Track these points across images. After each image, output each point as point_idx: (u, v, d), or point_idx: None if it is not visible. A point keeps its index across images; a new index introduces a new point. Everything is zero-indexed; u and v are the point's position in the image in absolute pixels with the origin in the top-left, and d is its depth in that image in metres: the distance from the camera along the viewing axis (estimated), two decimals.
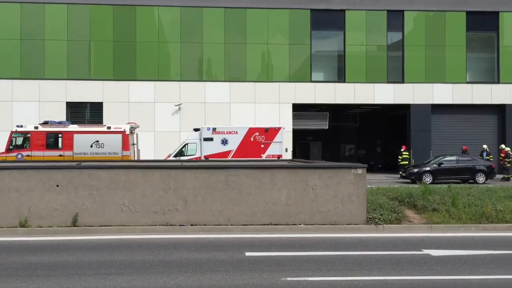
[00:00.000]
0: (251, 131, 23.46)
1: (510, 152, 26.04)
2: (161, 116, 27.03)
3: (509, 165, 25.66)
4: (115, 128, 21.74)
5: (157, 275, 7.88)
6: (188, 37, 27.42)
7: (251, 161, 17.12)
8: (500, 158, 25.88)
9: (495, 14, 28.61)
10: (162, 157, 24.03)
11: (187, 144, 23.63)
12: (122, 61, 27.23)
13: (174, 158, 22.36)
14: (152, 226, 11.99)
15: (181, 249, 9.84)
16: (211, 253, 9.51)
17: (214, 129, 23.45)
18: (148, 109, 26.94)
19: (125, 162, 19.05)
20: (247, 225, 12.10)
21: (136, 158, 22.47)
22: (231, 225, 12.09)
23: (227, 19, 27.64)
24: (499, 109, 28.83)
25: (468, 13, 28.41)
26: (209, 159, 22.08)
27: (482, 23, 28.75)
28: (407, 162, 26.40)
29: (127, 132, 21.63)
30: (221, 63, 27.68)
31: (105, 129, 21.80)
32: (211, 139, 23.22)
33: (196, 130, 23.85)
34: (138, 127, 23.71)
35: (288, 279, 7.69)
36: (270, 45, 27.87)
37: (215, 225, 12.09)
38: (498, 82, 28.65)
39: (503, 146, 26.33)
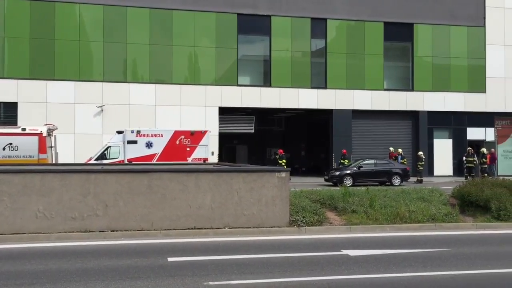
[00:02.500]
0: (177, 134, 23.18)
1: (422, 155, 27.77)
2: (82, 118, 25.96)
3: (421, 168, 27.34)
4: (31, 129, 20.55)
5: (73, 284, 7.53)
6: (112, 37, 26.59)
7: (176, 165, 16.89)
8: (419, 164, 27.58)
9: (410, 26, 30.41)
10: (83, 160, 23.08)
11: (109, 147, 22.89)
12: (39, 60, 25.86)
13: (95, 162, 21.55)
14: (70, 232, 11.45)
15: (100, 256, 9.48)
16: (132, 259, 9.25)
17: (138, 131, 22.90)
18: (67, 110, 25.77)
19: (41, 165, 18.04)
20: (170, 229, 11.91)
21: (54, 162, 21.39)
22: (154, 230, 11.84)
23: (153, 20, 27.14)
24: (413, 115, 30.64)
25: (386, 23, 29.98)
26: (133, 162, 21.50)
27: (398, 33, 30.47)
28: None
29: (44, 134, 20.53)
30: (146, 65, 27.12)
31: (19, 130, 20.54)
32: (135, 142, 22.65)
33: (119, 132, 23.14)
34: (57, 129, 22.59)
35: (211, 283, 7.65)
36: (197, 48, 27.72)
37: (138, 230, 11.78)
38: (412, 90, 30.45)
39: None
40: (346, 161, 26.85)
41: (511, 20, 31.34)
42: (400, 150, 27.92)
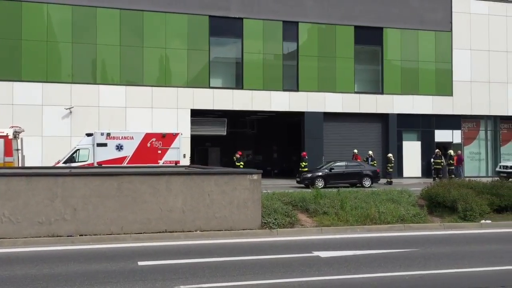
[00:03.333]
0: (148, 136, 22.92)
1: (391, 157, 28.24)
2: (50, 120, 25.39)
3: (391, 170, 27.80)
4: None
5: None
6: (81, 38, 26.11)
7: (147, 167, 16.70)
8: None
9: (380, 30, 30.93)
10: (50, 163, 22.54)
11: (78, 149, 22.46)
12: (4, 60, 25.20)
13: (63, 165, 21.11)
14: (37, 237, 11.17)
15: (69, 261, 9.28)
16: (101, 264, 9.09)
17: (108, 134, 22.55)
18: (35, 112, 25.17)
19: (7, 169, 17.55)
20: (141, 233, 11.76)
21: (20, 165, 20.84)
22: (124, 233, 11.67)
23: (123, 21, 26.79)
24: (383, 118, 31.14)
25: (356, 27, 30.40)
26: (103, 165, 21.14)
27: (369, 37, 30.93)
28: (306, 169, 27.46)
29: (10, 137, 19.99)
30: (116, 66, 26.74)
31: None
32: (105, 145, 22.28)
33: (88, 135, 22.73)
34: (23, 131, 22.03)
35: (182, 287, 7.59)
36: (168, 50, 27.51)
37: (107, 234, 11.58)
38: (382, 93, 30.96)
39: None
40: (304, 163, 26.78)
41: (477, 25, 32.25)
42: (370, 152, 28.33)
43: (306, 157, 27.42)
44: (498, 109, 32.62)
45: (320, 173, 24.94)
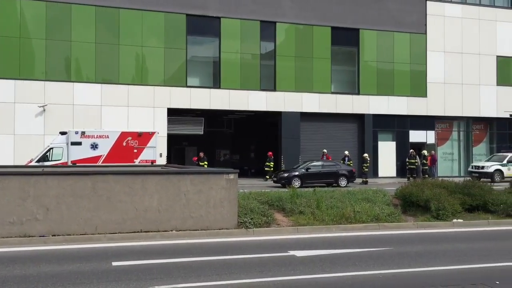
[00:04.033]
0: (124, 135, 22.67)
1: (367, 157, 28.58)
2: (23, 118, 24.86)
3: (366, 169, 28.13)
4: None
5: None
6: (55, 34, 25.63)
7: (122, 167, 16.51)
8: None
9: (356, 31, 31.24)
10: (23, 162, 22.10)
11: (52, 148, 22.06)
12: None
13: (36, 164, 20.69)
14: (8, 238, 10.93)
15: (41, 262, 9.11)
16: (75, 264, 8.95)
17: (83, 132, 22.22)
18: (7, 110, 24.61)
19: None
20: (116, 233, 11.62)
21: None
22: (99, 233, 11.51)
23: (99, 18, 26.41)
24: (359, 118, 31.46)
25: (333, 28, 30.64)
26: (77, 164, 20.82)
27: (345, 38, 31.22)
28: (272, 169, 27.61)
29: None
30: (91, 64, 26.34)
31: None
32: (79, 144, 21.95)
33: (62, 133, 22.35)
34: None
35: (156, 287, 7.53)
36: (145, 48, 27.24)
37: (81, 234, 11.41)
38: (358, 94, 31.28)
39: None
40: (271, 163, 26.83)
41: (451, 28, 32.87)
42: (346, 152, 28.60)
43: (273, 157, 27.48)
44: (470, 111, 33.32)
45: (296, 173, 25.05)
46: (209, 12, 28.38)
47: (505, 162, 28.82)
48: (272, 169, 27.74)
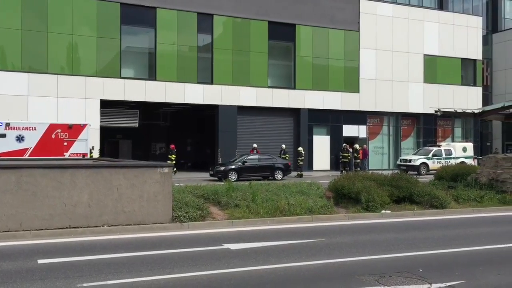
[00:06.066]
0: (53, 127, 21.70)
1: (302, 151, 29.16)
2: None
3: (301, 163, 28.71)
4: None
5: None
6: None
7: (49, 160, 15.78)
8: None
9: (293, 27, 31.70)
10: None
11: None
12: None
13: None
14: None
15: None
16: None
17: (7, 124, 21.05)
18: None
19: None
20: (42, 229, 11.09)
21: None
22: (24, 230, 10.94)
23: (25, 4, 25.03)
24: (294, 113, 32.02)
25: (270, 23, 30.91)
26: (1, 157, 19.65)
27: (282, 33, 31.59)
28: (174, 162, 26.73)
29: None
30: (17, 51, 24.94)
31: None
32: (3, 136, 20.78)
33: None
34: None
35: (85, 284, 7.27)
36: (76, 36, 26.15)
37: (4, 231, 10.78)
38: (294, 88, 31.80)
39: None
40: (174, 156, 26.40)
41: (382, 26, 34.15)
42: (284, 145, 29.01)
43: (175, 149, 26.91)
44: (399, 107, 34.86)
45: (233, 166, 25.11)
46: (144, 2, 27.72)
47: (430, 155, 30.46)
48: (174, 162, 26.43)
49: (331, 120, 33.07)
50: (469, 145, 32.90)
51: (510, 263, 9.06)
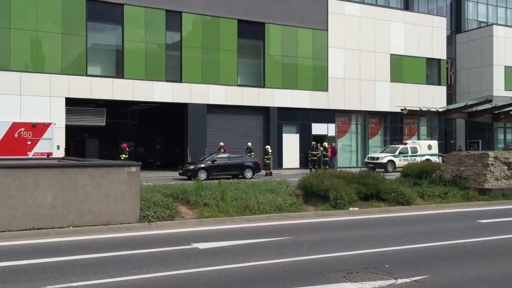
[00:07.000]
0: (15, 126, 21.15)
1: (269, 149, 29.25)
2: None
3: (268, 161, 28.81)
4: None
5: None
6: None
7: (11, 160, 15.33)
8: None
9: (262, 25, 31.71)
10: None
11: None
12: None
13: None
14: None
15: None
16: None
17: None
18: None
19: None
20: (4, 231, 10.78)
21: None
22: None
23: None
24: (264, 111, 32.07)
25: (240, 21, 30.84)
26: None
27: (251, 32, 31.56)
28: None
29: None
30: None
31: None
32: None
33: None
34: None
35: (49, 287, 7.09)
36: (40, 33, 25.46)
37: None
38: (264, 87, 31.85)
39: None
40: (126, 156, 25.61)
41: (350, 26, 34.56)
42: (249, 144, 29.01)
43: (127, 149, 26.39)
44: (367, 105, 35.38)
45: (202, 165, 24.98)
46: None
47: (397, 153, 31.06)
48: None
49: (301, 118, 33.27)
50: (434, 143, 33.70)
51: (472, 257, 9.32)
